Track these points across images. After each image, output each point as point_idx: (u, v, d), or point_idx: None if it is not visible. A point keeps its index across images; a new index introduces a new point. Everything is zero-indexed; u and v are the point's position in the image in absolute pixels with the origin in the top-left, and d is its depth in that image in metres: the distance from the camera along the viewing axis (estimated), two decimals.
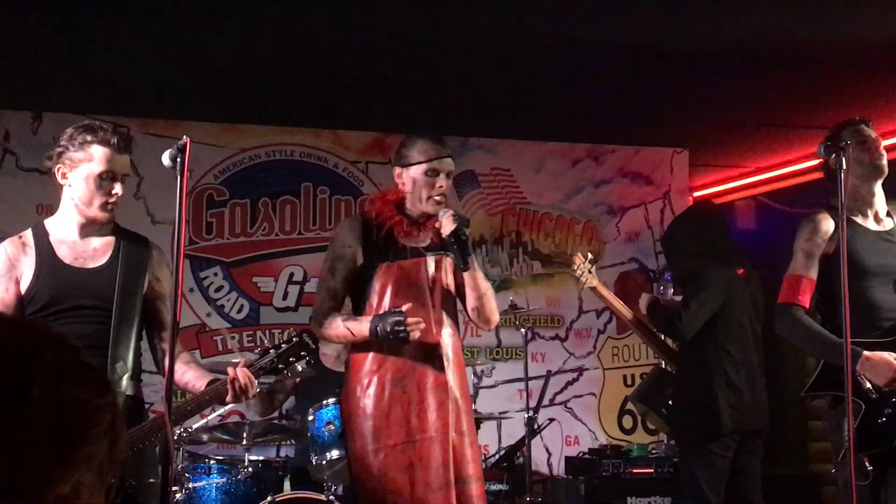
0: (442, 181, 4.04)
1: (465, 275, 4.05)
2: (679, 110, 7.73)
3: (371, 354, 4.01)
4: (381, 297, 4.01)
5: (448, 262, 4.10)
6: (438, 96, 7.32)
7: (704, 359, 5.30)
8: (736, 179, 9.37)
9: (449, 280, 4.11)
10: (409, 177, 4.06)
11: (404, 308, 3.87)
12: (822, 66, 6.62)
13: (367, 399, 3.97)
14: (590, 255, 5.61)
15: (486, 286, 4.13)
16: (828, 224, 4.12)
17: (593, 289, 5.57)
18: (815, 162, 4.71)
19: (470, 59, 6.59)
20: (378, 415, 3.95)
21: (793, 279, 4.12)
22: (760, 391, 5.36)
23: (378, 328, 3.87)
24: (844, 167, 3.76)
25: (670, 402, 5.79)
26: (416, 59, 6.58)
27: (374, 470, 3.93)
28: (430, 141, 4.09)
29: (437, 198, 4.03)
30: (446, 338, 4.05)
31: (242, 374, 3.50)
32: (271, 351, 3.64)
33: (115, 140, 3.57)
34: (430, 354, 4.00)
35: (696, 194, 9.37)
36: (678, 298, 5.80)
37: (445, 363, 4.02)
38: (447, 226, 3.93)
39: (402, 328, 3.83)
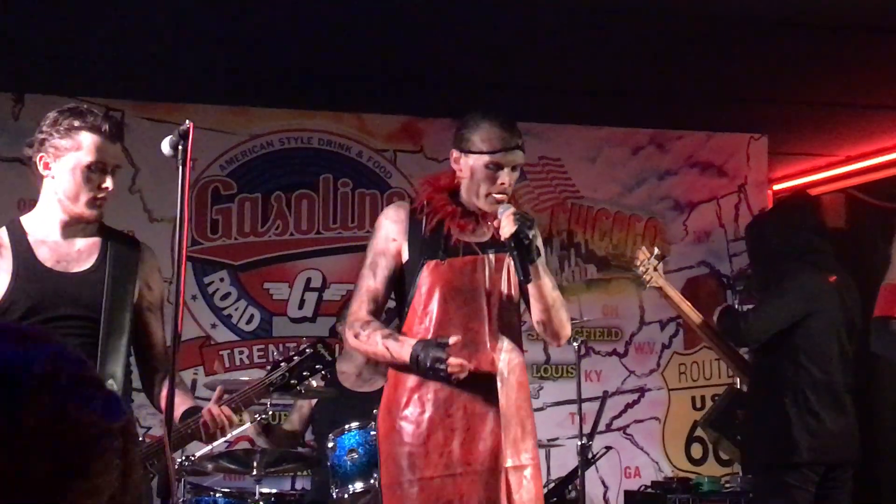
0: (505, 177, 3.90)
1: (530, 285, 3.91)
2: (757, 90, 7.67)
3: None
4: (428, 302, 3.91)
5: (511, 262, 3.93)
6: (477, 75, 7.30)
7: (780, 377, 5.28)
8: (823, 170, 9.29)
9: (511, 284, 3.99)
10: (468, 165, 3.93)
11: (451, 341, 3.75)
12: None
13: (405, 421, 3.88)
14: (656, 250, 5.59)
15: (554, 297, 4.00)
16: None
17: (659, 289, 5.55)
18: None
19: (513, 31, 6.57)
20: (416, 441, 3.86)
21: (891, 289, 4.08)
22: (847, 418, 5.32)
23: (419, 358, 3.77)
24: None
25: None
26: (452, 31, 6.57)
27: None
28: (498, 127, 3.92)
29: (498, 195, 3.91)
30: (502, 354, 3.94)
31: (216, 414, 3.49)
32: (282, 364, 3.64)
33: (107, 126, 3.57)
34: (483, 373, 3.88)
35: (776, 187, 9.31)
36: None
37: (499, 384, 3.90)
38: (507, 227, 3.79)
39: (442, 367, 3.73)
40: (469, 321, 3.88)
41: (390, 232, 3.98)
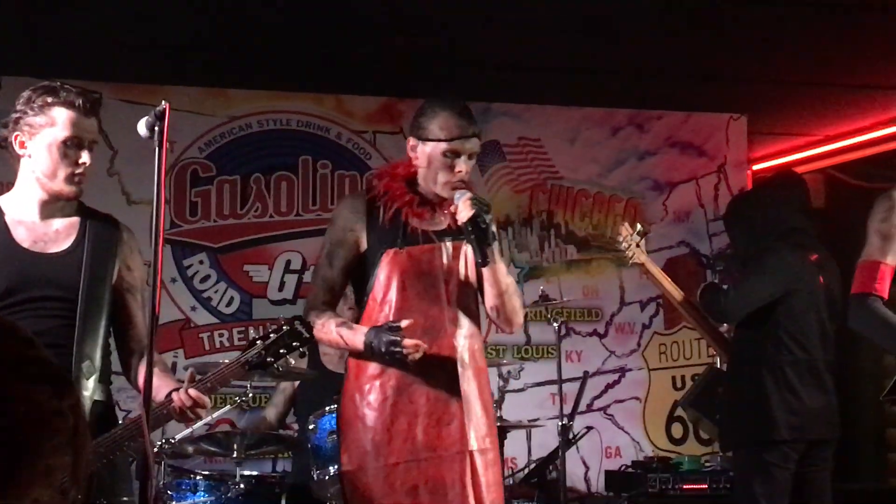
0: (462, 165, 3.93)
1: (484, 269, 3.97)
2: (736, 69, 7.68)
3: None
4: (387, 289, 3.93)
5: (468, 250, 3.98)
6: (457, 55, 7.29)
7: (760, 355, 5.29)
8: (802, 150, 9.30)
9: (469, 270, 4.02)
10: (425, 153, 3.96)
11: (403, 324, 3.78)
12: None
13: (367, 408, 3.90)
14: (639, 227, 5.60)
15: (507, 282, 4.05)
16: None
17: (641, 265, 5.56)
18: (894, 128, 4.69)
19: (492, 11, 6.56)
20: (379, 428, 3.88)
21: (868, 266, 4.08)
22: (827, 395, 5.34)
23: (373, 344, 3.80)
24: None
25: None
26: (431, 11, 6.55)
27: (371, 492, 3.87)
28: (455, 114, 3.94)
29: (455, 183, 3.94)
30: (462, 339, 3.97)
31: (186, 398, 3.48)
32: (258, 342, 3.62)
33: (81, 101, 3.56)
34: (444, 358, 3.91)
35: (755, 167, 9.32)
36: None
37: (460, 369, 3.93)
38: (464, 212, 3.83)
39: (397, 349, 3.76)
40: (428, 308, 3.90)
41: (348, 222, 4.01)
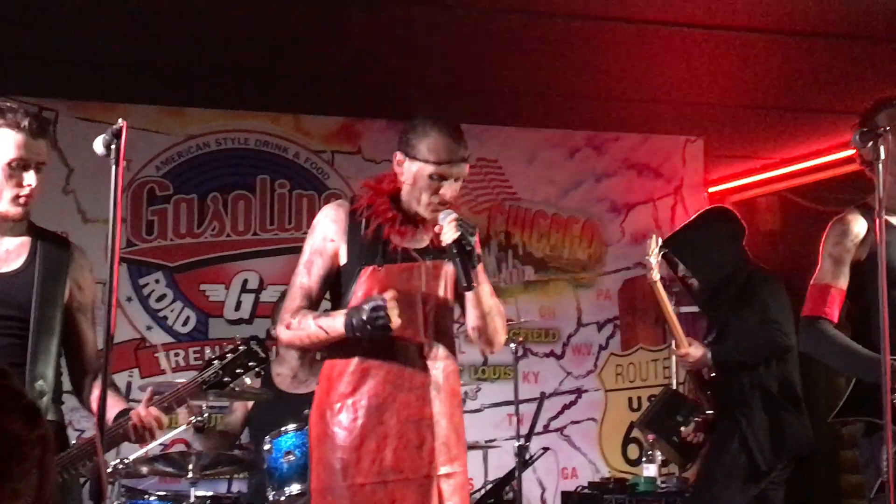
0: (447, 189, 3.89)
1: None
2: (692, 92, 7.73)
3: (347, 374, 3.88)
4: None
5: (448, 270, 3.95)
6: (414, 76, 7.30)
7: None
8: (758, 172, 9.37)
9: (447, 291, 3.98)
10: (411, 171, 3.91)
11: (387, 296, 3.71)
12: (858, 39, 6.63)
13: (337, 427, 3.87)
14: (658, 240, 5.70)
15: (492, 303, 4.01)
16: (859, 225, 4.11)
17: (654, 285, 5.67)
18: (849, 152, 4.73)
19: (448, 32, 6.58)
20: (348, 447, 3.84)
21: (819, 289, 4.11)
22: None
23: (354, 320, 3.73)
24: (882, 157, 3.72)
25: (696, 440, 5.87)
26: (388, 32, 6.57)
27: None
28: (446, 137, 3.91)
29: (438, 206, 3.90)
30: (438, 361, 3.94)
31: (146, 416, 3.47)
32: (215, 362, 3.62)
33: (27, 122, 3.55)
34: (417, 380, 3.88)
35: (712, 189, 9.38)
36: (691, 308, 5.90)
37: (434, 392, 3.90)
38: (449, 233, 3.79)
39: (380, 314, 3.67)
40: (404, 328, 3.83)
41: (328, 232, 3.93)
